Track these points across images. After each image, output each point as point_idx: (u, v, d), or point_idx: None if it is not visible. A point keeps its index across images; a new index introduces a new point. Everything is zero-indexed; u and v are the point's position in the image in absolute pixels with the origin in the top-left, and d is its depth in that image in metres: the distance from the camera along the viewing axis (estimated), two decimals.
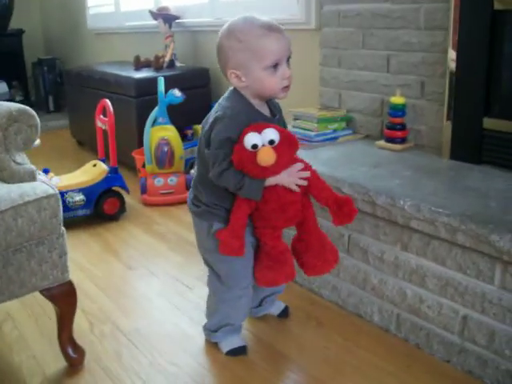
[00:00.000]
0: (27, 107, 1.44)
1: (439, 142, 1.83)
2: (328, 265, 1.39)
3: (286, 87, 1.27)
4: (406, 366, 1.41)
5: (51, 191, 1.26)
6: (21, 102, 4.94)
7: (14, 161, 1.40)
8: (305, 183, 1.28)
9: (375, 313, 1.59)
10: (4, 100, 5.02)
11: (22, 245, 1.22)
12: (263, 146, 1.20)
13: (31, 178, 1.41)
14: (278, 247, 1.36)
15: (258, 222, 1.33)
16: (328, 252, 1.38)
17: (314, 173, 1.32)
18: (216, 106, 1.30)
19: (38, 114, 1.32)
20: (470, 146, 1.72)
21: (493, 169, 1.66)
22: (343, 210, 1.31)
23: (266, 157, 1.19)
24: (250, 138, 1.19)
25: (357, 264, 1.63)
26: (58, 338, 1.41)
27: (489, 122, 1.66)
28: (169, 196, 2.64)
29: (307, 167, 1.31)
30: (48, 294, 1.35)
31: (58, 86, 4.88)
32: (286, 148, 1.23)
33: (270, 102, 1.36)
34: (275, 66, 1.23)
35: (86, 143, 3.72)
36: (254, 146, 1.19)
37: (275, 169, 1.23)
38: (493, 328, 1.30)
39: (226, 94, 1.31)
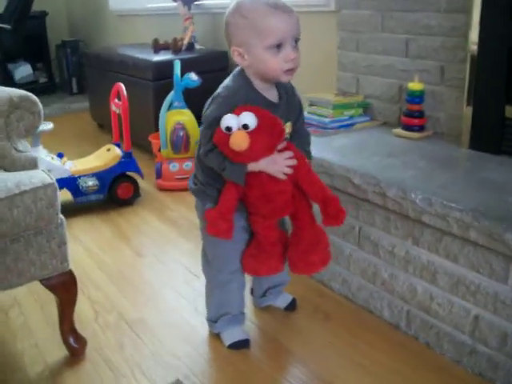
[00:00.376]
0: (29, 93, 1.42)
1: (459, 130, 1.75)
2: (312, 267, 1.34)
3: (290, 70, 1.21)
4: (414, 365, 1.36)
5: (48, 180, 1.23)
6: (45, 83, 5.04)
7: (16, 148, 1.38)
8: (290, 171, 1.23)
9: (385, 308, 1.54)
10: (28, 82, 5.08)
11: (18, 235, 1.21)
12: (239, 129, 1.14)
13: (32, 165, 1.39)
14: (269, 238, 1.32)
15: (249, 209, 1.29)
16: (317, 253, 1.32)
17: (305, 165, 1.27)
18: (220, 86, 1.26)
19: (61, 95, 1.32)
20: (491, 135, 1.63)
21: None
22: (327, 210, 1.25)
23: (238, 141, 1.14)
24: (226, 120, 1.14)
25: (367, 257, 1.57)
26: (60, 328, 1.40)
27: (511, 111, 1.58)
28: (183, 181, 2.60)
29: (298, 158, 1.25)
30: (48, 283, 1.33)
31: (82, 68, 4.87)
32: (264, 135, 1.16)
33: (281, 86, 1.29)
34: (279, 46, 1.17)
35: (106, 126, 3.71)
36: (228, 129, 1.14)
37: (250, 154, 1.17)
38: (505, 330, 1.24)
39: (231, 74, 1.27)
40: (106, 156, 2.44)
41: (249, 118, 1.14)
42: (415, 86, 1.80)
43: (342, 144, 1.79)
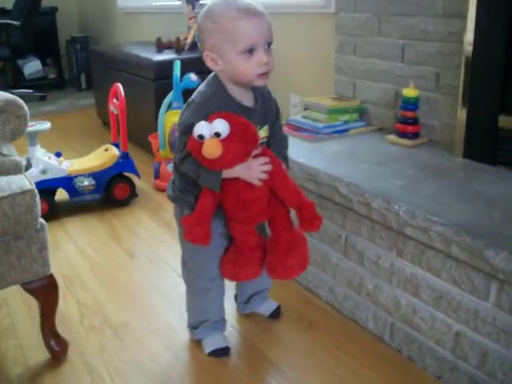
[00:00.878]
0: (15, 97, 1.42)
1: (453, 138, 1.72)
2: (290, 271, 1.33)
3: (264, 74, 1.19)
4: (396, 380, 1.34)
5: (27, 187, 1.23)
6: (54, 79, 5.06)
7: (0, 152, 1.38)
8: (266, 177, 1.22)
9: (370, 319, 1.52)
10: (38, 77, 5.13)
11: None
12: (212, 137, 1.13)
13: (17, 169, 1.39)
14: (247, 243, 1.32)
15: (227, 215, 1.29)
16: (294, 258, 1.31)
17: (281, 171, 1.25)
18: (195, 92, 1.25)
19: (70, 91, 1.31)
20: (485, 144, 1.60)
21: (508, 171, 1.54)
22: (303, 215, 1.24)
23: (210, 149, 1.12)
24: (198, 128, 1.13)
25: (353, 267, 1.55)
26: (41, 331, 1.41)
27: (506, 121, 1.54)
28: None
29: (274, 163, 1.24)
30: (29, 287, 1.34)
31: (90, 64, 4.90)
32: (237, 142, 1.15)
33: (257, 90, 1.28)
34: (251, 50, 1.16)
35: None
36: (201, 137, 1.13)
37: (223, 162, 1.15)
38: (486, 348, 1.21)
39: (205, 80, 1.26)
40: (103, 156, 2.45)
41: (221, 126, 1.12)
42: (410, 92, 1.78)
43: (333, 150, 1.77)
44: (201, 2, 3.17)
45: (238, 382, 1.35)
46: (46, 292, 1.36)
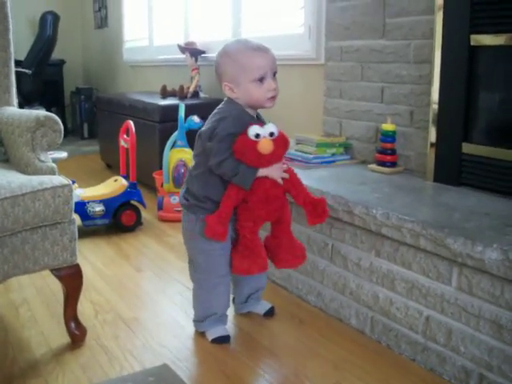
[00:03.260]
0: (53, 115, 1.67)
1: (425, 166, 1.99)
2: (297, 260, 1.61)
3: (272, 97, 1.51)
4: (375, 362, 1.54)
5: (65, 182, 1.47)
6: None
7: (39, 159, 1.63)
8: (287, 176, 1.51)
9: (352, 316, 1.73)
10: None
11: (37, 225, 1.43)
12: (264, 137, 1.43)
13: (52, 173, 1.62)
14: (255, 241, 1.56)
15: (241, 215, 1.53)
16: (297, 249, 1.60)
17: (294, 174, 1.54)
18: (215, 111, 1.53)
19: (72, 140, 1.54)
20: (451, 168, 1.87)
21: (470, 190, 1.80)
22: (317, 209, 1.52)
23: (266, 145, 1.43)
24: (255, 129, 1.43)
25: (338, 271, 1.78)
26: (64, 315, 1.60)
27: (467, 147, 1.82)
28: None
29: (290, 169, 1.54)
30: (57, 273, 1.54)
31: (94, 115, 5.22)
32: (281, 144, 1.46)
33: (259, 116, 1.59)
34: (261, 79, 1.46)
35: (114, 166, 3.98)
36: (257, 136, 1.42)
37: (270, 159, 1.45)
38: (450, 327, 1.43)
39: (222, 103, 1.53)
40: (113, 185, 2.69)
41: (273, 128, 1.45)
42: (388, 126, 2.06)
43: (321, 175, 2.03)
44: (203, 55, 3.52)
45: (237, 361, 1.54)
46: (72, 279, 1.56)
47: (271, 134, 1.44)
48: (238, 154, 1.44)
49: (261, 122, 1.53)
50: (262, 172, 1.47)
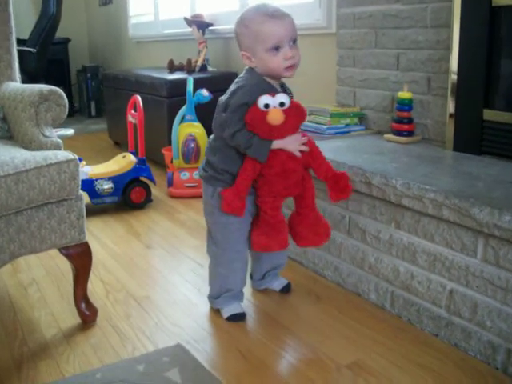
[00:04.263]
0: (58, 88, 1.60)
1: (444, 135, 1.91)
2: (319, 238, 1.52)
3: (291, 66, 1.42)
4: (396, 338, 1.48)
5: (71, 157, 1.41)
6: None
7: (43, 134, 1.56)
8: (307, 149, 1.43)
9: (372, 291, 1.67)
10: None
11: (43, 202, 1.37)
12: (274, 107, 1.35)
13: (57, 149, 1.56)
14: (277, 217, 1.48)
15: (260, 190, 1.46)
16: (320, 227, 1.52)
17: (315, 148, 1.46)
18: (235, 81, 1.46)
19: (79, 119, 1.49)
20: (471, 137, 1.79)
21: (492, 159, 1.72)
22: (339, 184, 1.44)
23: (276, 116, 1.35)
24: (264, 99, 1.35)
25: (356, 244, 1.71)
26: (74, 295, 1.56)
27: (489, 114, 1.73)
28: (193, 189, 2.78)
29: (311, 141, 1.45)
30: (66, 252, 1.49)
31: (101, 93, 5.15)
32: (294, 114, 1.38)
33: (284, 86, 1.51)
34: (277, 48, 1.38)
35: (122, 143, 3.93)
36: (266, 106, 1.35)
37: (281, 130, 1.37)
38: (476, 300, 1.37)
39: (243, 72, 1.46)
40: (121, 162, 2.63)
41: (284, 98, 1.37)
42: (404, 94, 1.98)
43: (337, 146, 1.95)
44: (210, 28, 3.42)
45: (254, 339, 1.49)
46: (81, 258, 1.51)
47: (281, 104, 1.36)
48: (249, 125, 1.38)
49: (284, 92, 1.45)
50: (276, 144, 1.40)
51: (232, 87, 1.44)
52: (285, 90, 1.50)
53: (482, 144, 1.76)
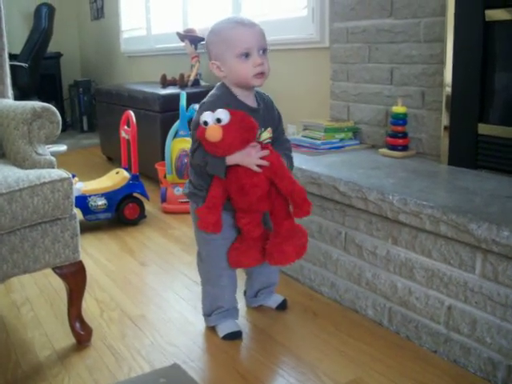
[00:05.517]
0: (50, 105, 1.59)
1: (439, 149, 1.91)
2: (285, 257, 1.44)
3: (260, 74, 1.39)
4: (395, 355, 1.47)
5: (65, 175, 1.39)
6: None
7: (36, 152, 1.55)
8: (265, 163, 1.38)
9: (369, 307, 1.66)
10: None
11: (36, 222, 1.35)
12: (213, 123, 1.32)
13: (50, 167, 1.55)
14: (252, 233, 1.47)
15: (233, 206, 1.45)
16: (291, 245, 1.43)
17: (278, 161, 1.40)
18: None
19: (71, 133, 1.48)
20: (466, 151, 1.79)
21: (487, 173, 1.72)
22: (296, 200, 1.38)
23: (212, 132, 1.31)
24: (204, 116, 1.33)
25: (353, 260, 1.70)
26: (68, 315, 1.53)
27: (484, 128, 1.74)
28: (187, 204, 2.74)
29: (273, 154, 1.40)
30: (60, 271, 1.47)
31: (93, 107, 5.14)
32: (235, 129, 1.32)
33: (258, 95, 1.48)
34: (247, 55, 1.37)
35: (115, 159, 3.90)
36: (205, 123, 1.32)
37: (224, 147, 1.33)
38: (474, 316, 1.36)
39: (215, 86, 1.46)
40: (114, 178, 2.61)
41: (221, 114, 1.32)
42: (399, 109, 1.98)
43: (331, 161, 1.95)
44: (203, 42, 3.42)
45: (251, 358, 1.47)
46: (75, 277, 1.49)
47: (218, 120, 1.31)
48: (201, 142, 1.36)
49: (245, 105, 1.41)
50: (230, 159, 1.37)
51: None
52: (257, 100, 1.47)
53: (477, 158, 1.76)
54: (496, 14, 1.64)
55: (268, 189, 1.42)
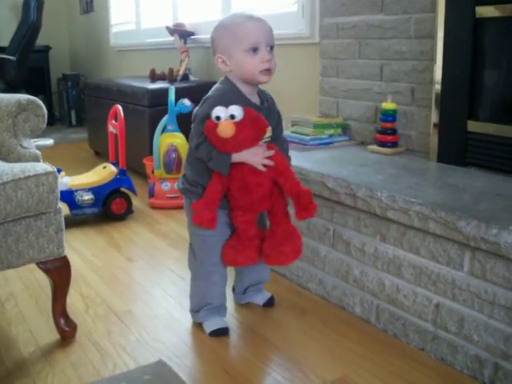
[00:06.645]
0: (36, 98, 1.57)
1: (428, 146, 1.90)
2: (283, 257, 1.45)
3: (267, 70, 1.38)
4: (382, 353, 1.46)
5: (50, 169, 1.36)
6: None
7: (21, 145, 1.52)
8: (270, 163, 1.37)
9: (357, 304, 1.65)
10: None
11: (20, 216, 1.33)
12: (226, 119, 1.30)
13: (36, 160, 1.52)
14: (248, 232, 1.45)
15: (230, 203, 1.43)
16: (288, 246, 1.45)
17: (283, 162, 1.41)
18: (210, 91, 1.43)
19: (59, 127, 1.46)
20: (455, 148, 1.79)
21: (477, 170, 1.72)
22: (301, 202, 1.38)
23: (225, 128, 1.29)
24: (216, 110, 1.31)
25: (341, 257, 1.69)
26: (52, 311, 1.51)
27: (473, 125, 1.73)
28: (174, 200, 2.74)
29: (278, 154, 1.40)
30: (44, 266, 1.45)
31: (81, 102, 5.09)
32: (248, 127, 1.31)
33: (262, 93, 1.47)
34: (254, 50, 1.36)
35: (103, 152, 3.87)
36: (218, 118, 1.30)
37: (235, 143, 1.32)
38: (462, 314, 1.35)
39: (219, 81, 1.43)
40: (101, 172, 2.58)
41: (235, 110, 1.30)
42: (388, 105, 1.97)
43: (320, 157, 1.94)
44: (192, 37, 3.40)
45: (239, 358, 1.46)
46: (59, 272, 1.47)
47: (232, 117, 1.30)
48: (207, 137, 1.34)
49: (250, 102, 1.40)
50: (237, 157, 1.36)
51: (204, 97, 1.42)
52: (261, 97, 1.46)
53: (467, 155, 1.76)
54: (486, 11, 1.64)
55: (270, 188, 1.41)
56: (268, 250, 1.47)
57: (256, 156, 1.36)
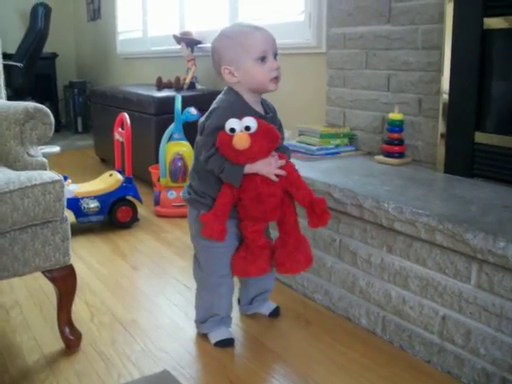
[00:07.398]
0: (43, 106, 1.57)
1: (435, 157, 1.90)
2: (297, 265, 1.45)
3: (275, 78, 1.39)
4: (388, 365, 1.45)
5: (56, 177, 1.37)
6: None
7: (28, 153, 1.53)
8: (283, 173, 1.37)
9: (362, 316, 1.64)
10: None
11: (27, 224, 1.33)
12: (241, 131, 1.30)
13: (42, 168, 1.53)
14: (257, 242, 1.45)
15: (240, 214, 1.43)
16: (301, 254, 1.45)
17: (294, 172, 1.41)
18: (214, 101, 1.42)
19: (66, 134, 1.46)
20: (462, 159, 1.78)
21: (484, 182, 1.71)
22: (315, 210, 1.38)
23: (240, 140, 1.29)
24: (230, 123, 1.30)
25: (347, 268, 1.69)
26: (57, 319, 1.51)
27: (481, 136, 1.73)
28: (180, 208, 2.73)
29: (288, 164, 1.40)
30: (50, 275, 1.45)
31: (87, 109, 5.11)
32: (262, 138, 1.32)
33: (264, 103, 1.47)
34: (263, 59, 1.36)
35: (109, 160, 3.88)
36: (232, 130, 1.30)
37: (249, 155, 1.32)
38: (469, 327, 1.34)
39: (222, 93, 1.43)
40: (107, 180, 2.59)
41: (250, 122, 1.31)
42: (395, 116, 1.97)
43: (326, 167, 1.94)
44: (199, 45, 3.41)
45: (243, 366, 1.45)
46: (65, 281, 1.47)
47: (247, 128, 1.31)
48: (219, 149, 1.34)
49: (257, 112, 1.40)
50: (249, 168, 1.36)
51: (210, 109, 1.41)
52: (264, 107, 1.46)
53: (474, 167, 1.75)
54: (494, 23, 1.64)
55: (282, 198, 1.41)
56: (281, 258, 1.46)
57: (269, 166, 1.36)
